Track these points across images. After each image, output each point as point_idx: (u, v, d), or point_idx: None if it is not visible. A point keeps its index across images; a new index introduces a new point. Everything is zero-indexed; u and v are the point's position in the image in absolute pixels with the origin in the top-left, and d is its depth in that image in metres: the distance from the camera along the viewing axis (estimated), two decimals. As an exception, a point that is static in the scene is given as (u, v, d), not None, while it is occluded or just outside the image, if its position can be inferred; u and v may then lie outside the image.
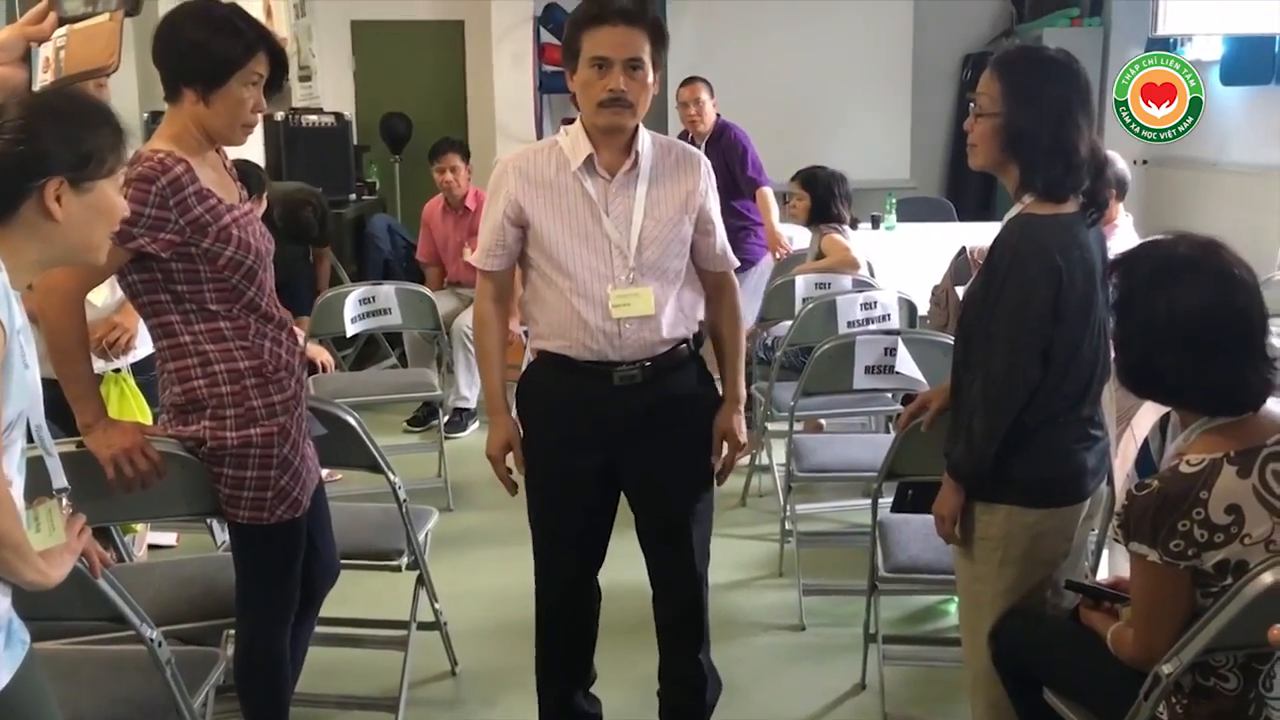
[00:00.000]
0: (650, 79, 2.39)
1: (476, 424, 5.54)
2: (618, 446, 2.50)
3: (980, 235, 6.01)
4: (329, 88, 8.09)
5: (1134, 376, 1.90)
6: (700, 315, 2.58)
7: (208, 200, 2.24)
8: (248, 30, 2.23)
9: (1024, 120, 2.16)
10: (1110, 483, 2.48)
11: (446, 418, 5.33)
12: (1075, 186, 2.18)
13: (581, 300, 2.41)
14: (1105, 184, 2.23)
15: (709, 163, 2.55)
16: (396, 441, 5.31)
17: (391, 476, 2.79)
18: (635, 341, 2.43)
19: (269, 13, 6.76)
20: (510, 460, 2.54)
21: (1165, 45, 7.38)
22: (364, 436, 2.70)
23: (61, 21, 1.54)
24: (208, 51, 2.19)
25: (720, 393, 2.59)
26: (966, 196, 8.53)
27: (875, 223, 6.78)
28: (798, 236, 5.76)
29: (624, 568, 2.66)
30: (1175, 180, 7.54)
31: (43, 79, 1.52)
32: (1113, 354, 1.96)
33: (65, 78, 1.51)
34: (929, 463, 2.58)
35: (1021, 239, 2.16)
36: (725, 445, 2.56)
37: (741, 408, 2.58)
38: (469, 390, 5.54)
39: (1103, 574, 2.69)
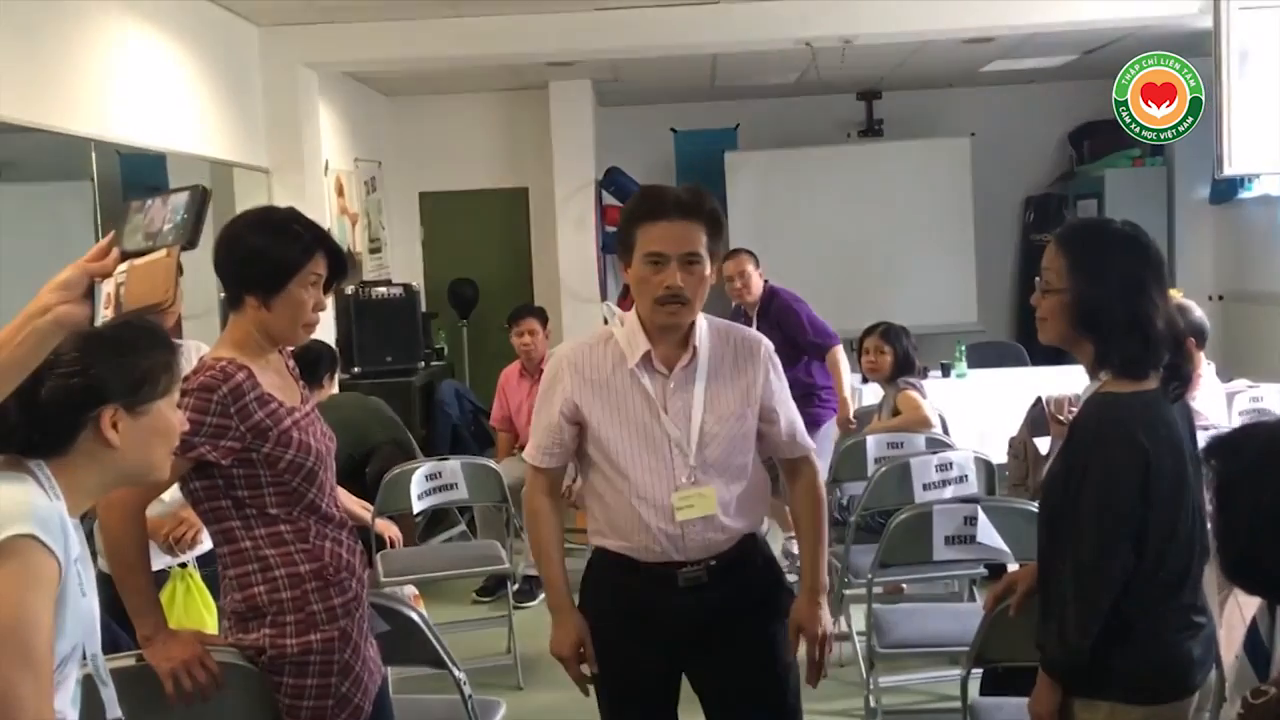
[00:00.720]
0: (707, 271, 2.34)
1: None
2: (685, 645, 2.41)
3: (1055, 382, 5.92)
4: (398, 257, 8.30)
5: (1238, 572, 1.78)
6: (765, 505, 2.50)
7: (269, 405, 2.24)
8: (305, 233, 2.26)
9: (1094, 296, 2.10)
10: (1219, 665, 2.32)
11: (516, 587, 5.24)
12: (1155, 363, 2.09)
13: (642, 503, 2.35)
14: (1186, 357, 2.13)
15: (770, 345, 2.49)
16: (464, 616, 5.21)
17: (456, 673, 2.70)
18: (699, 542, 2.36)
19: (341, 191, 6.99)
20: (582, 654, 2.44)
21: (1233, 182, 7.31)
22: (427, 632, 2.62)
23: (124, 256, 1.56)
24: (267, 258, 2.22)
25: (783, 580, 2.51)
26: (1037, 340, 8.38)
27: (945, 370, 6.68)
28: (863, 391, 5.69)
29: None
30: (1250, 315, 7.37)
31: (104, 314, 1.53)
32: (1212, 544, 1.84)
33: (124, 314, 1.52)
34: (1019, 647, 2.43)
35: (1102, 420, 2.07)
36: (803, 638, 2.45)
37: (822, 598, 2.47)
38: (539, 558, 5.45)
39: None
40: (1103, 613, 2.05)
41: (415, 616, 2.62)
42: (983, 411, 5.81)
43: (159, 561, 3.06)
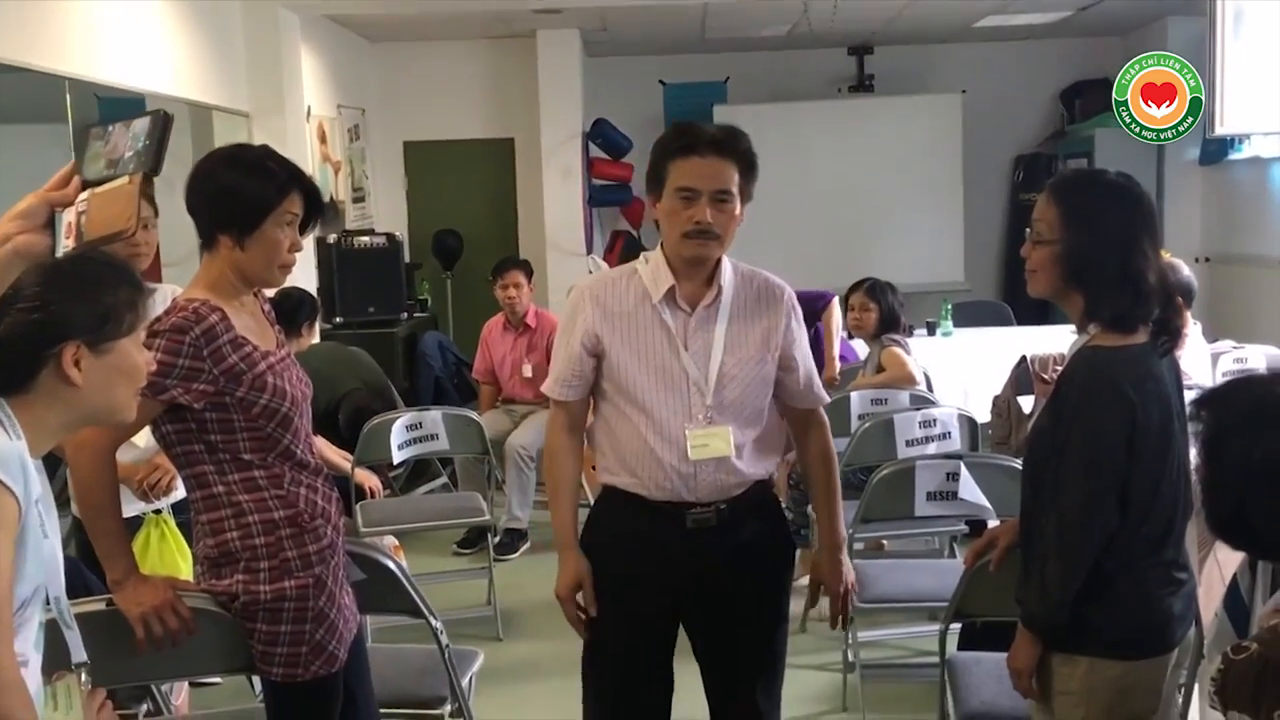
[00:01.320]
0: (738, 210, 2.31)
1: (528, 545, 5.43)
2: (688, 590, 2.39)
3: (1040, 342, 5.90)
4: (382, 207, 8.21)
5: (1224, 526, 1.76)
6: (778, 454, 2.48)
7: (243, 348, 2.19)
8: (280, 171, 2.20)
9: (1086, 248, 2.06)
10: (1198, 623, 2.31)
11: (497, 539, 5.23)
12: (1145, 316, 2.06)
13: (657, 438, 2.32)
14: (1176, 311, 2.10)
15: (792, 293, 2.46)
16: (445, 567, 5.20)
17: (434, 622, 2.68)
18: (711, 483, 2.33)
19: (323, 138, 6.89)
20: (581, 598, 2.42)
21: (1223, 143, 7.27)
22: (405, 581, 2.60)
23: (85, 185, 1.50)
24: (240, 195, 2.17)
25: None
26: (1023, 299, 8.32)
27: (931, 329, 6.65)
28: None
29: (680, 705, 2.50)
30: (1237, 277, 7.36)
31: (65, 244, 1.49)
32: (1199, 498, 1.81)
33: (85, 243, 1.47)
34: (999, 602, 2.42)
35: (1090, 373, 2.04)
36: (824, 590, 2.47)
37: (843, 552, 2.47)
38: (521, 511, 5.44)
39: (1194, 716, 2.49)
40: (1085, 568, 2.03)
41: (392, 565, 2.59)
42: (968, 370, 5.79)
43: (133, 508, 3.03)
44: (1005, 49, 8.79)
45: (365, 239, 6.85)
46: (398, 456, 4.54)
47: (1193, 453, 2.75)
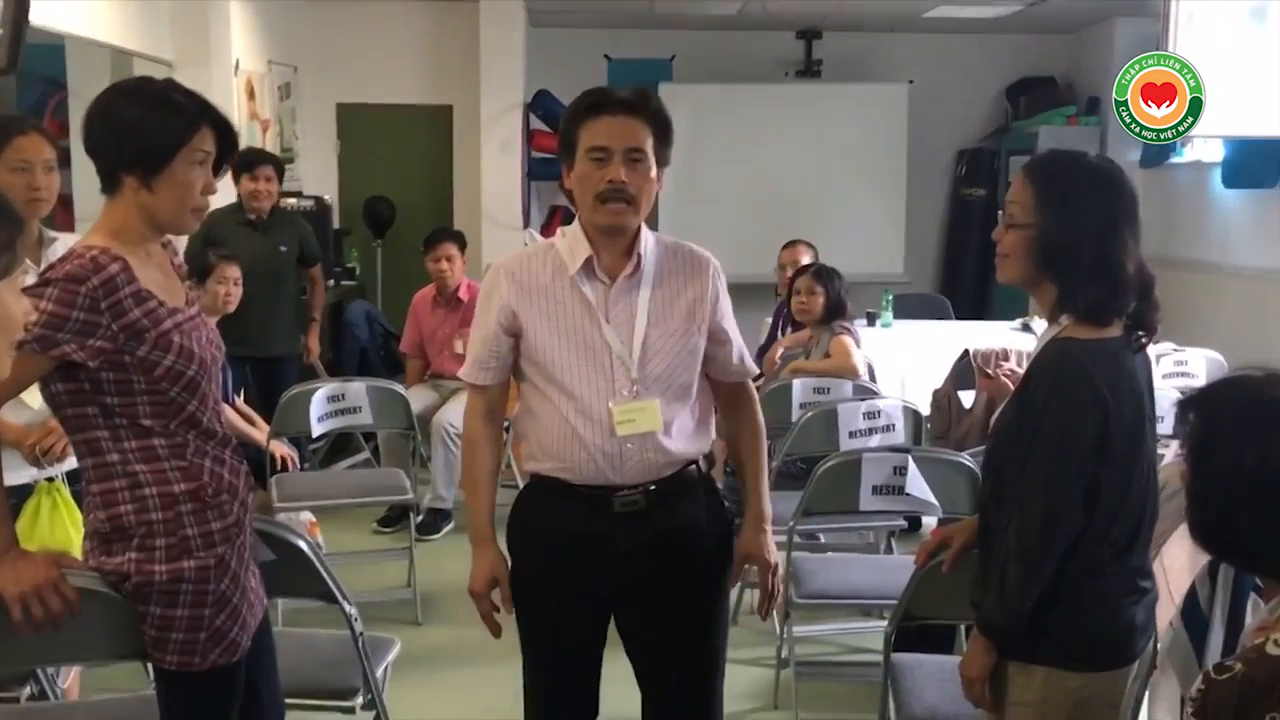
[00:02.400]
0: (653, 173, 2.19)
1: (451, 525, 5.24)
2: (619, 581, 2.25)
3: (980, 336, 5.85)
4: (312, 170, 7.92)
5: (1209, 535, 1.64)
6: (712, 433, 2.34)
7: (146, 303, 1.98)
8: (187, 104, 2.00)
9: (1062, 234, 1.94)
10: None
11: (420, 519, 5.04)
12: (1120, 309, 1.95)
13: (580, 418, 2.18)
14: (1153, 305, 1.99)
15: (718, 264, 2.33)
16: (364, 546, 4.99)
17: (348, 608, 2.49)
18: (638, 463, 2.19)
19: (251, 94, 6.61)
20: (496, 597, 2.28)
21: (1164, 147, 7.27)
22: (317, 563, 2.41)
23: None
24: (145, 132, 1.96)
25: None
26: (961, 293, 8.37)
27: (871, 319, 6.57)
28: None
29: (611, 697, 2.36)
30: (1177, 282, 7.36)
31: None
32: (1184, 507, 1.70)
33: None
34: (950, 606, 2.32)
35: (1062, 367, 1.92)
36: (753, 570, 2.35)
37: (768, 526, 2.34)
38: (446, 490, 5.25)
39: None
40: (1047, 573, 1.92)
41: (303, 545, 2.40)
42: (907, 362, 5.72)
43: (24, 475, 2.80)
44: (954, 41, 8.74)
45: (292, 200, 6.57)
46: (317, 429, 4.32)
47: (1169, 454, 2.66)
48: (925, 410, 4.66)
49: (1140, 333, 1.98)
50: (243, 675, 2.14)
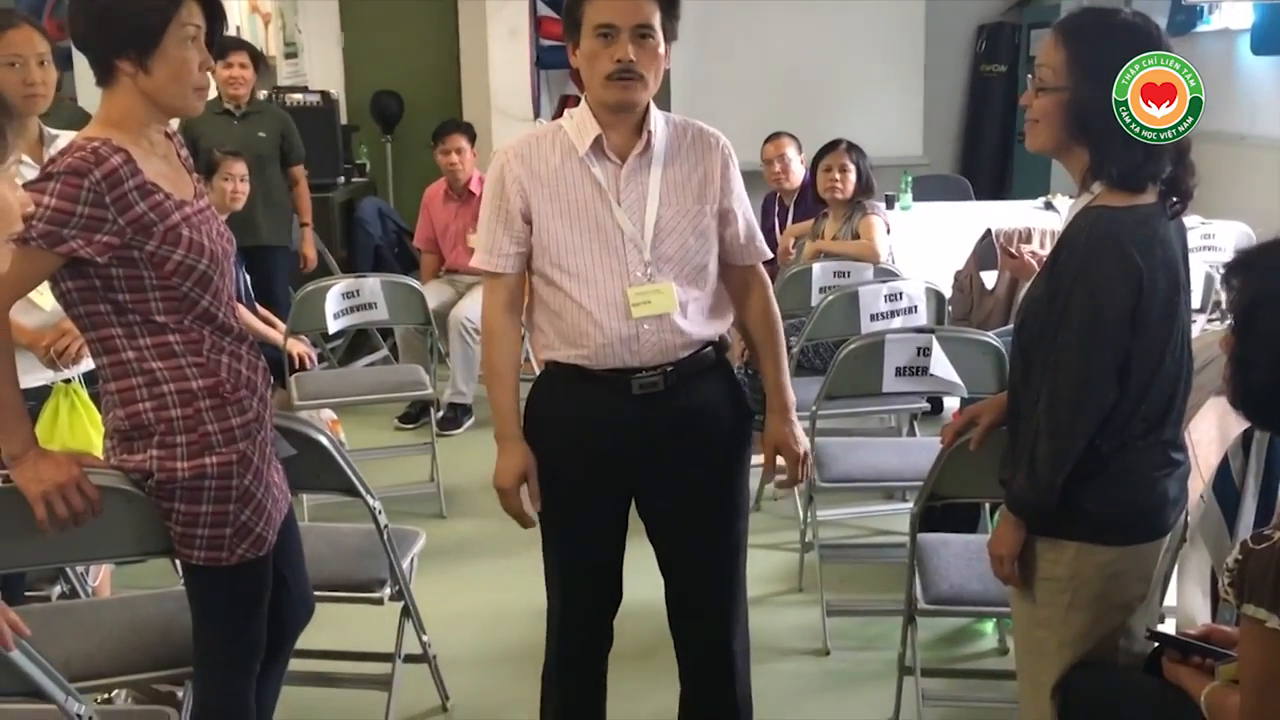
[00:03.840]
0: (662, 49, 2.12)
1: (472, 420, 5.25)
2: (639, 466, 2.23)
3: (1003, 216, 5.74)
4: (317, 64, 7.74)
5: (1254, 404, 1.60)
6: (729, 317, 2.30)
7: (152, 195, 1.94)
8: None
9: (1096, 96, 1.86)
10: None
11: (440, 414, 5.05)
12: (1155, 174, 1.88)
13: (595, 302, 2.14)
14: (1188, 169, 1.92)
15: (728, 142, 2.26)
16: (385, 442, 5.01)
17: (371, 501, 2.49)
18: (655, 344, 2.16)
19: (252, -14, 6.44)
20: (524, 493, 2.25)
21: (1191, 13, 7.05)
22: (338, 458, 2.40)
23: None
24: (130, 10, 1.90)
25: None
26: (981, 173, 8.21)
27: (890, 202, 6.43)
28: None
29: (633, 583, 2.36)
30: (1203, 154, 7.18)
31: None
32: (1224, 373, 1.65)
33: None
34: (976, 484, 2.30)
35: (1094, 236, 1.86)
36: (781, 458, 2.33)
37: (792, 414, 2.32)
38: (465, 385, 5.24)
39: (1169, 603, 2.39)
40: (1079, 449, 1.88)
41: (325, 440, 2.39)
42: (927, 245, 5.62)
43: (40, 377, 2.79)
44: (974, -92, 8.43)
45: (298, 96, 6.46)
46: (333, 326, 4.29)
47: (1195, 326, 2.60)
48: (947, 293, 4.60)
49: (1175, 199, 1.91)
50: (270, 568, 2.15)
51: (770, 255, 2.41)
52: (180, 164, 2.11)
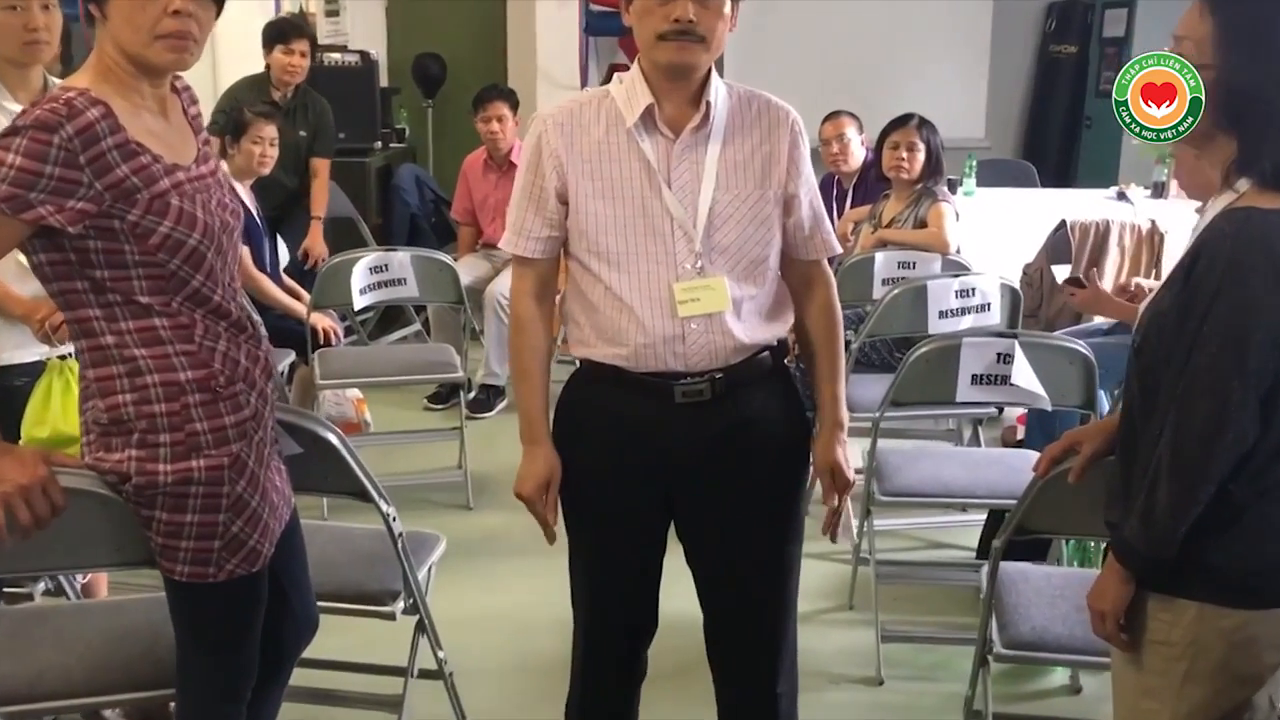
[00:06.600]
0: (727, 9, 1.84)
1: (505, 402, 5.00)
2: (680, 481, 1.97)
3: (1074, 206, 5.39)
4: (359, 24, 7.47)
5: None
6: (790, 318, 2.02)
7: (136, 157, 1.68)
8: None
9: (1250, 76, 1.56)
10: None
11: (471, 395, 4.80)
12: (1319, 171, 1.57)
13: (635, 295, 1.89)
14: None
15: (799, 118, 1.97)
16: (414, 424, 4.78)
17: (384, 507, 2.24)
18: (703, 347, 1.90)
19: (292, -60, 6.18)
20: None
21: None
22: (348, 458, 2.15)
23: None
24: None
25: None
26: (1045, 159, 7.83)
27: (952, 186, 6.08)
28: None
29: (673, 590, 2.11)
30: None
31: None
32: None
33: None
34: (1073, 520, 2.03)
35: (1240, 244, 1.56)
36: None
37: (844, 434, 2.04)
38: (499, 366, 4.98)
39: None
40: (1208, 494, 1.59)
41: (332, 438, 2.13)
42: (992, 234, 5.29)
43: (34, 352, 2.58)
44: (1047, -119, 8.02)
45: (336, 56, 6.20)
46: (360, 302, 4.05)
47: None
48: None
49: (1340, 203, 1.60)
50: (265, 585, 1.91)
51: (840, 250, 2.12)
52: (185, 123, 1.86)
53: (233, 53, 5.30)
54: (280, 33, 4.91)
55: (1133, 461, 1.70)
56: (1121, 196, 5.75)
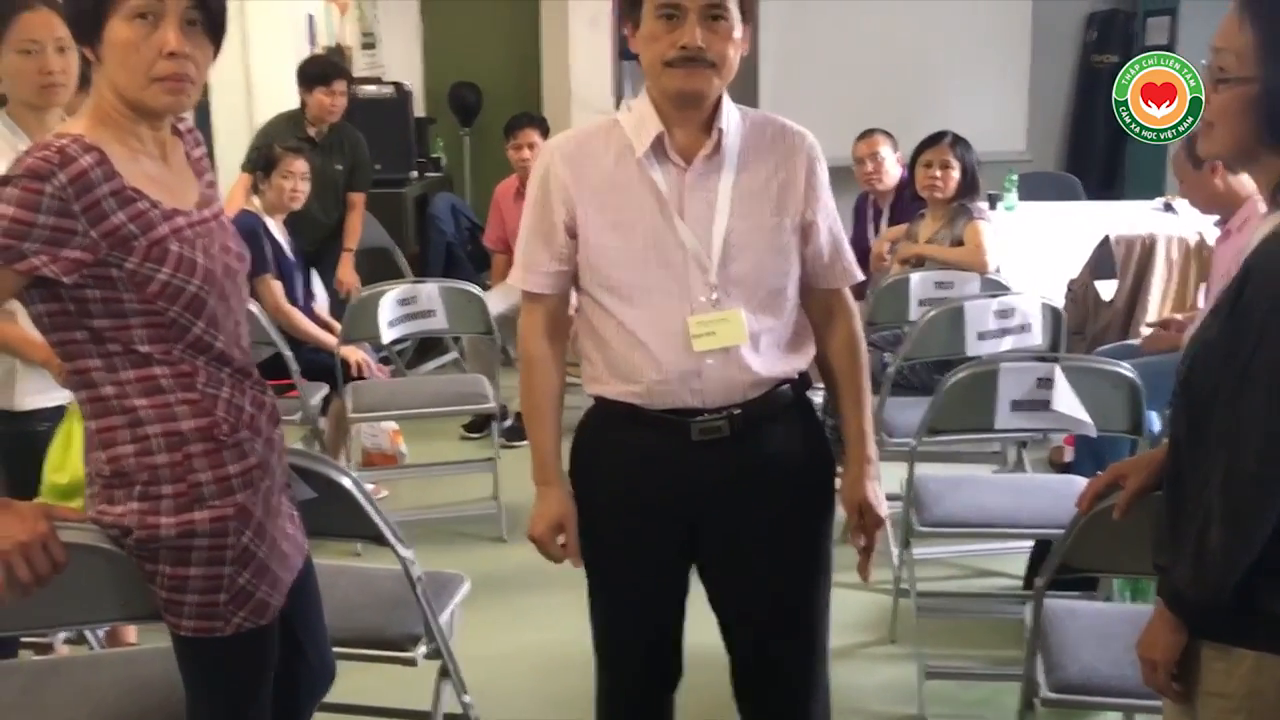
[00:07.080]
0: (738, 33, 1.77)
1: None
2: (699, 522, 1.90)
3: (1119, 219, 5.25)
4: (395, 55, 7.53)
5: None
6: (811, 350, 1.94)
7: (133, 204, 1.64)
8: None
9: (1295, 89, 1.46)
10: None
11: (508, 423, 4.75)
12: (1373, 189, 1.47)
13: (649, 330, 1.82)
14: None
15: (815, 141, 1.90)
16: (450, 454, 4.74)
17: (402, 551, 2.18)
18: (720, 382, 1.83)
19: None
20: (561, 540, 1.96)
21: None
22: (364, 504, 2.09)
23: None
24: None
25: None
26: (1089, 171, 7.68)
27: (992, 202, 5.98)
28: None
29: (700, 624, 2.04)
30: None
31: None
32: None
33: None
34: (1119, 557, 1.92)
35: (1291, 268, 1.46)
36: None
37: (874, 468, 1.95)
38: (533, 394, 4.92)
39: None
40: (1263, 537, 1.49)
41: (347, 482, 2.08)
42: (1035, 249, 5.16)
43: (55, 396, 2.55)
44: (1086, -111, 7.89)
45: (371, 88, 6.23)
46: (388, 335, 4.01)
47: None
48: (1056, 299, 4.15)
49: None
50: (276, 637, 1.85)
51: (862, 277, 2.04)
52: (187, 166, 1.82)
53: (269, 89, 5.32)
54: (322, 74, 4.92)
55: (1181, 500, 1.59)
56: (1168, 208, 5.59)
